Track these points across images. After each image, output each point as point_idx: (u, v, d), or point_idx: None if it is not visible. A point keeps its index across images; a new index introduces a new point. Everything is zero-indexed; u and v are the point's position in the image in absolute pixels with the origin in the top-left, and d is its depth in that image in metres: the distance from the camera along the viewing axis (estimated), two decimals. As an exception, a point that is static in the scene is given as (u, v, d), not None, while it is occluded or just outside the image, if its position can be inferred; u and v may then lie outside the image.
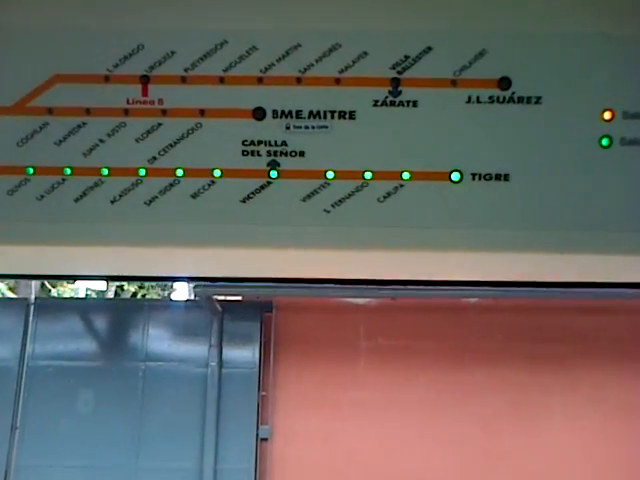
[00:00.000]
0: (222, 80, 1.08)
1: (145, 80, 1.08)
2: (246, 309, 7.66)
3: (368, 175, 1.07)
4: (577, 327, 7.50)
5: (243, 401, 7.35)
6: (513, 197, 1.05)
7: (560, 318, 7.50)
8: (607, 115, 1.05)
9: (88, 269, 1.18)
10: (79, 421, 7.25)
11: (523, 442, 7.24)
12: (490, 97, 1.06)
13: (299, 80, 1.07)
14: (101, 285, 12.30)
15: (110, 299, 11.24)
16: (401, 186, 1.06)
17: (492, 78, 1.06)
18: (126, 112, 1.08)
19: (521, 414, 7.32)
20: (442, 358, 7.43)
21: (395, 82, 1.06)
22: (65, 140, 1.08)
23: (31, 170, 1.09)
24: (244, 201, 1.07)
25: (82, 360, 7.50)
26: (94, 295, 12.41)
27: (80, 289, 12.37)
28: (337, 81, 1.07)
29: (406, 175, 1.06)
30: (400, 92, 1.07)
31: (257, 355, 7.50)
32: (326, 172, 1.07)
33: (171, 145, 1.08)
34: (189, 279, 1.25)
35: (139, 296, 13.73)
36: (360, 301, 7.54)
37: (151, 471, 7.16)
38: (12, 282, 11.14)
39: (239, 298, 7.81)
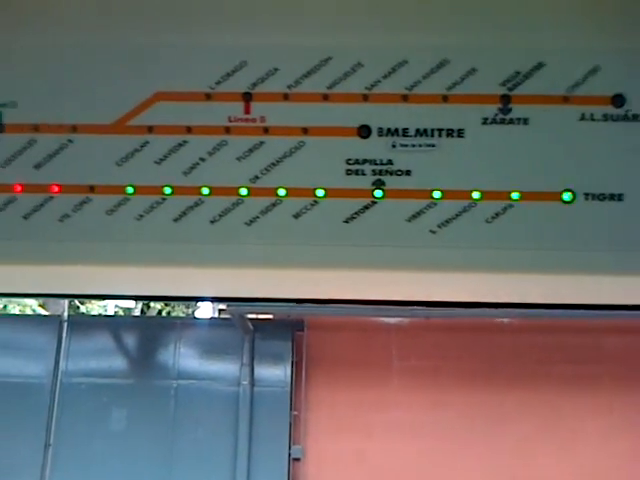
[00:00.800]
0: (326, 97, 1.06)
1: (247, 97, 1.07)
2: (277, 328, 7.65)
3: (476, 195, 1.04)
4: (610, 347, 7.42)
5: (275, 420, 7.32)
6: (627, 217, 1.03)
7: (593, 338, 7.43)
8: None
9: (187, 290, 1.17)
10: (111, 439, 7.26)
11: (556, 465, 7.15)
12: (604, 115, 1.03)
13: (405, 97, 1.05)
14: (129, 302, 12.31)
15: (143, 317, 11.25)
16: (510, 206, 1.04)
17: (606, 95, 1.03)
18: (227, 130, 1.07)
19: (554, 436, 7.23)
20: (475, 379, 7.37)
21: (505, 99, 1.04)
22: (165, 159, 1.07)
23: (131, 189, 1.08)
24: (347, 222, 1.05)
25: (115, 377, 7.51)
26: (121, 312, 12.42)
27: (109, 306, 12.39)
28: (445, 98, 1.05)
29: (515, 195, 1.04)
30: (510, 109, 1.04)
31: (289, 374, 7.48)
32: (432, 192, 1.04)
33: (273, 164, 1.06)
34: (297, 301, 1.24)
35: (164, 313, 13.73)
36: (392, 320, 7.50)
37: (183, 490, 7.15)
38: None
39: (270, 317, 7.80)
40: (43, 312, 10.18)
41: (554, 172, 1.04)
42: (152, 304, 14.47)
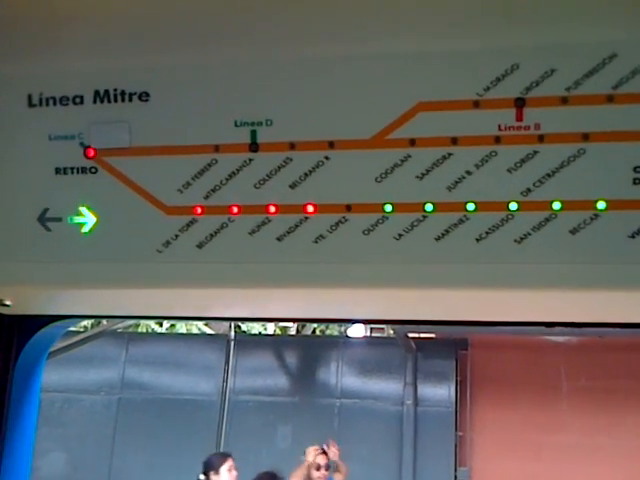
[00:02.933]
0: (611, 99, 0.95)
1: (520, 103, 0.97)
2: (440, 347, 7.54)
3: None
4: None
5: (440, 441, 7.21)
6: None
7: None
8: None
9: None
10: (277, 456, 7.38)
11: None
12: None
13: None
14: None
15: (304, 335, 11.39)
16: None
17: None
18: (498, 140, 0.97)
19: None
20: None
21: None
22: (428, 173, 0.99)
23: (389, 207, 1.00)
24: (633, 236, 0.93)
25: (280, 395, 7.65)
26: (278, 331, 12.66)
27: (269, 325, 12.66)
28: None
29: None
30: None
31: (453, 394, 7.35)
32: None
33: (549, 175, 0.96)
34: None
35: (317, 332, 13.90)
36: (560, 339, 7.21)
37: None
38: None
39: (432, 335, 7.71)
40: (209, 331, 10.54)
41: None
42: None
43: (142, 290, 1.07)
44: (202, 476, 5.15)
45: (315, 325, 14.47)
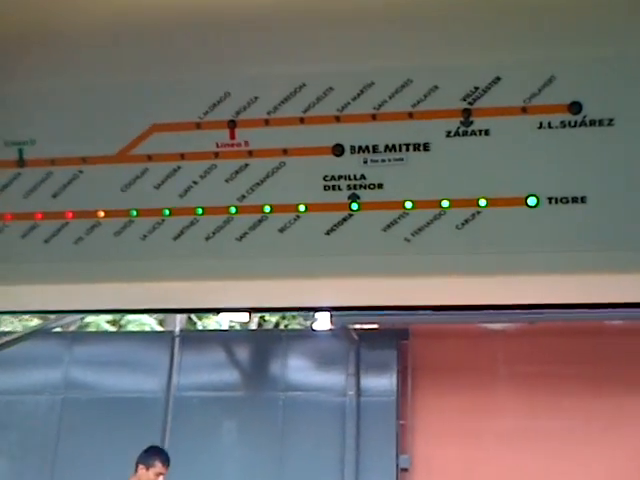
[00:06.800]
0: (302, 120, 1.14)
1: (232, 125, 1.17)
2: (382, 337, 7.67)
3: (445, 204, 1.08)
4: None
5: (382, 430, 7.34)
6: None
7: None
8: None
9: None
10: (222, 450, 7.47)
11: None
12: (562, 122, 1.06)
13: (374, 116, 1.12)
14: (243, 317, 12.61)
15: (249, 330, 11.52)
16: (478, 213, 1.07)
17: (562, 103, 1.07)
18: (216, 155, 1.16)
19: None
20: (586, 384, 7.14)
21: (466, 113, 1.09)
22: (164, 183, 1.18)
23: (134, 212, 1.18)
24: (328, 233, 1.11)
25: (225, 390, 7.73)
26: (238, 327, 12.76)
27: (223, 321, 12.75)
28: (410, 115, 1.11)
29: (483, 202, 1.07)
30: (472, 122, 1.09)
31: (395, 383, 7.48)
32: (404, 202, 1.09)
33: (258, 183, 1.15)
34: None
35: (282, 326, 13.99)
36: (497, 326, 7.38)
37: (293, 500, 7.26)
38: (161, 316, 11.64)
39: (375, 326, 7.83)
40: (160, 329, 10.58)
41: (518, 178, 1.07)
42: (267, 317, 14.81)
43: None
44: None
45: (275, 320, 14.59)
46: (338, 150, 1.12)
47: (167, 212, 1.16)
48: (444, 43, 1.11)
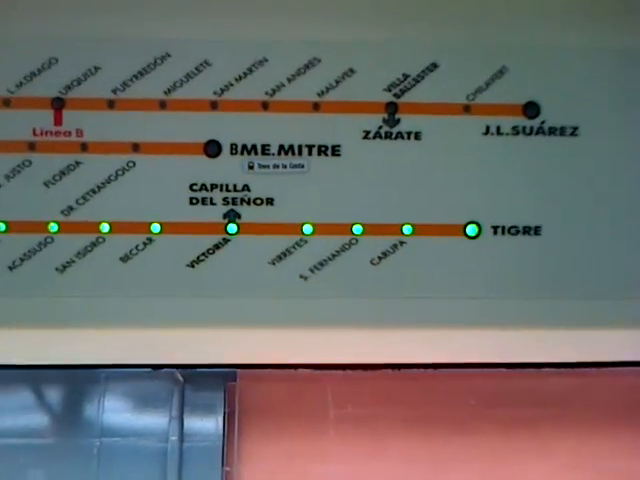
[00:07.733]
0: (163, 105, 0.83)
1: (59, 104, 0.81)
2: (209, 378, 7.35)
3: (358, 229, 0.86)
4: (549, 390, 7.34)
5: (206, 477, 6.98)
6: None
7: (531, 381, 7.34)
8: None
9: None
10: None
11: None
12: (514, 127, 0.84)
13: (265, 105, 0.84)
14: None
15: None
16: (401, 243, 0.85)
17: (516, 103, 0.84)
18: (32, 147, 0.81)
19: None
20: (412, 425, 7.20)
21: (391, 108, 0.84)
22: None
23: None
24: (192, 265, 0.85)
25: (32, 437, 7.09)
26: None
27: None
28: (316, 106, 0.84)
29: (407, 229, 0.84)
30: (398, 120, 0.84)
31: (220, 427, 7.17)
32: (303, 226, 0.85)
33: (93, 191, 0.83)
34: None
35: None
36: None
37: None
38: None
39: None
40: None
41: (454, 201, 0.85)
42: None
43: None
44: None
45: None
46: (213, 149, 0.83)
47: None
48: (366, 15, 0.83)
